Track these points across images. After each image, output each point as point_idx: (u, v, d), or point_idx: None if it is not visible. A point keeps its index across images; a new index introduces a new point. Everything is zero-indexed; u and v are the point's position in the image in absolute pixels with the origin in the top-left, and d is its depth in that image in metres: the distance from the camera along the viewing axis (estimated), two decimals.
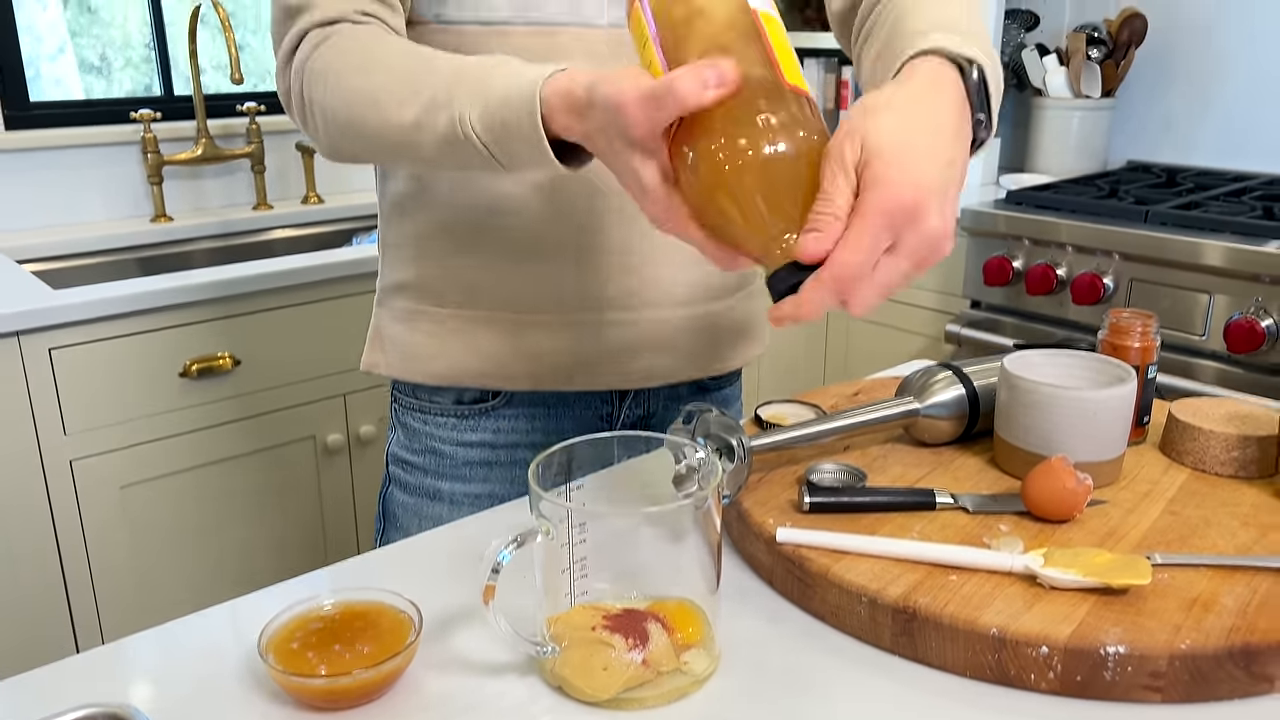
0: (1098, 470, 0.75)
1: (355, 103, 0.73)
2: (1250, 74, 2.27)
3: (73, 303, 1.47)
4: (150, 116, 1.97)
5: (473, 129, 0.68)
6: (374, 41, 0.75)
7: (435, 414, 0.94)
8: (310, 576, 0.73)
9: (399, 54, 0.74)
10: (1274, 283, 1.70)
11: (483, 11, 0.80)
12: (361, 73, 0.73)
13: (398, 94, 0.71)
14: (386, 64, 0.73)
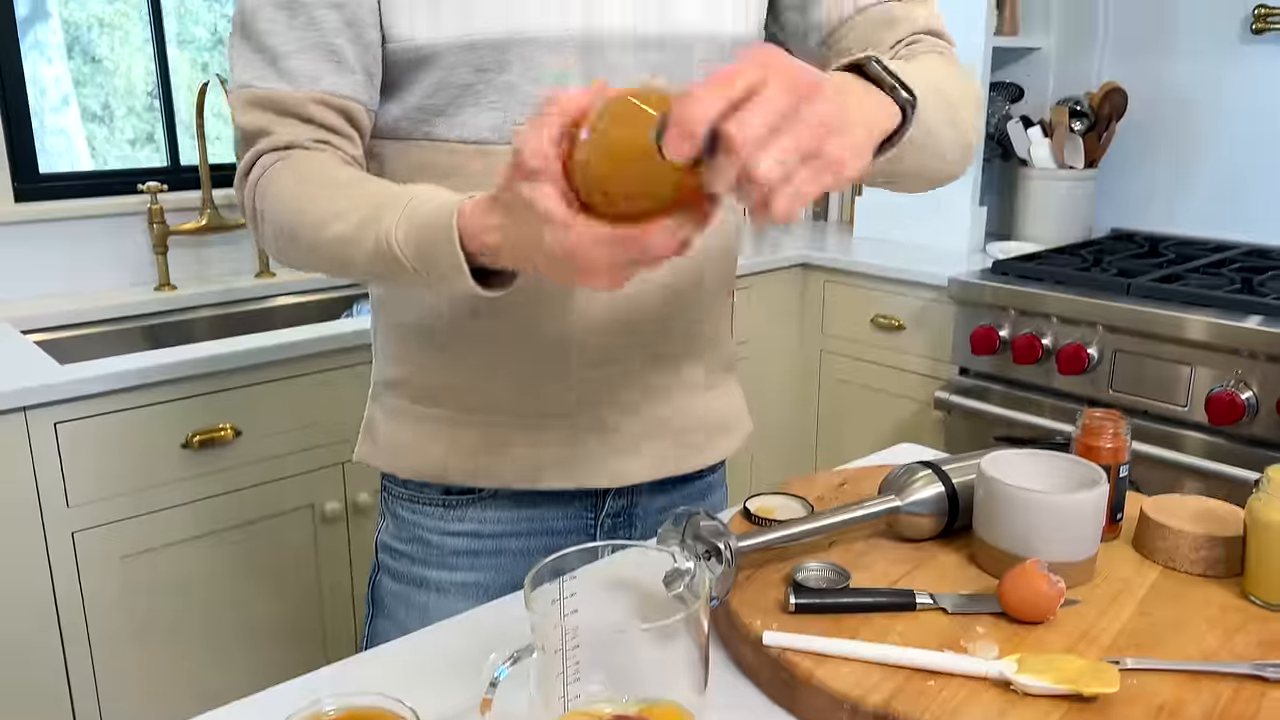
0: (1071, 571, 0.78)
1: (297, 218, 0.79)
2: (1228, 146, 2.33)
3: (79, 378, 1.50)
4: (157, 188, 2.02)
5: (398, 245, 0.72)
6: (319, 166, 0.81)
7: (423, 504, 0.97)
8: (310, 677, 0.76)
9: (337, 177, 0.80)
10: (1253, 357, 1.74)
11: (467, 132, 0.85)
12: (304, 192, 0.79)
13: (333, 211, 0.77)
14: (325, 185, 0.79)
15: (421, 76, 0.84)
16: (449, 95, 0.84)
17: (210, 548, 1.69)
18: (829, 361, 2.51)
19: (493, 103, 0.83)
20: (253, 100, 0.83)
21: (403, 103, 0.86)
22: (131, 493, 1.59)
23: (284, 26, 0.82)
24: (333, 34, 0.82)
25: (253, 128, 0.83)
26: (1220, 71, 2.31)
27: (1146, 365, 1.88)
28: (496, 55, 0.82)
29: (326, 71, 0.82)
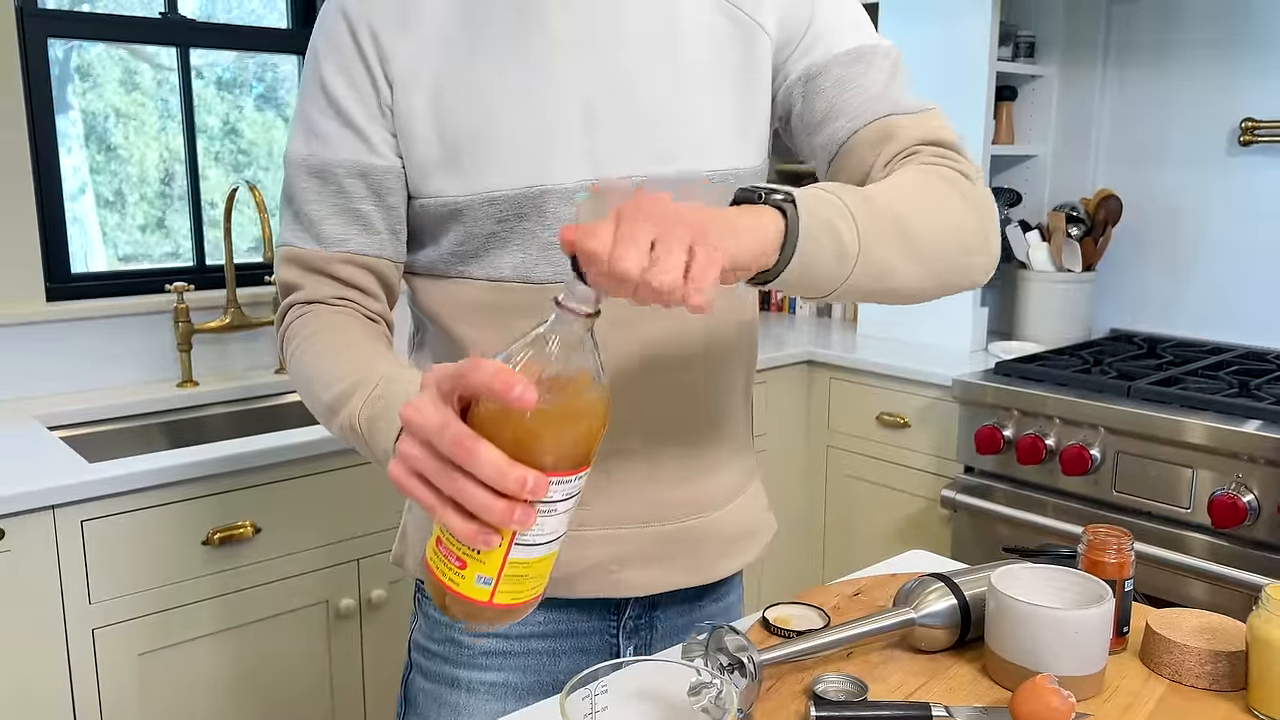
0: (1081, 684, 0.81)
1: (301, 372, 0.89)
2: (1219, 252, 2.41)
3: (106, 476, 1.54)
4: (184, 288, 2.08)
5: (365, 434, 0.80)
6: (331, 326, 0.90)
7: None
8: None
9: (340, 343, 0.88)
10: (1253, 460, 1.78)
11: (493, 271, 0.93)
12: (312, 350, 0.89)
13: (325, 378, 0.86)
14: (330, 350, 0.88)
15: (453, 227, 0.92)
16: (477, 242, 0.92)
17: (226, 644, 1.70)
18: (835, 457, 2.54)
19: (515, 245, 0.91)
20: (290, 257, 0.94)
21: (438, 248, 0.94)
22: (152, 590, 1.62)
23: (316, 194, 0.92)
24: (358, 200, 0.92)
25: (288, 282, 0.94)
26: (1210, 181, 2.40)
27: (1148, 467, 1.92)
28: (514, 207, 0.90)
29: (354, 234, 0.92)
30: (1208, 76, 2.39)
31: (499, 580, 0.65)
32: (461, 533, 0.63)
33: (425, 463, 0.64)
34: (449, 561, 0.66)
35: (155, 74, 2.25)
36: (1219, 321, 2.43)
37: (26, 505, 1.48)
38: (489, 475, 0.61)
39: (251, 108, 2.41)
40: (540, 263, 0.92)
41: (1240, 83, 2.33)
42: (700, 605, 1.07)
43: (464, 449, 0.61)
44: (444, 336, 0.96)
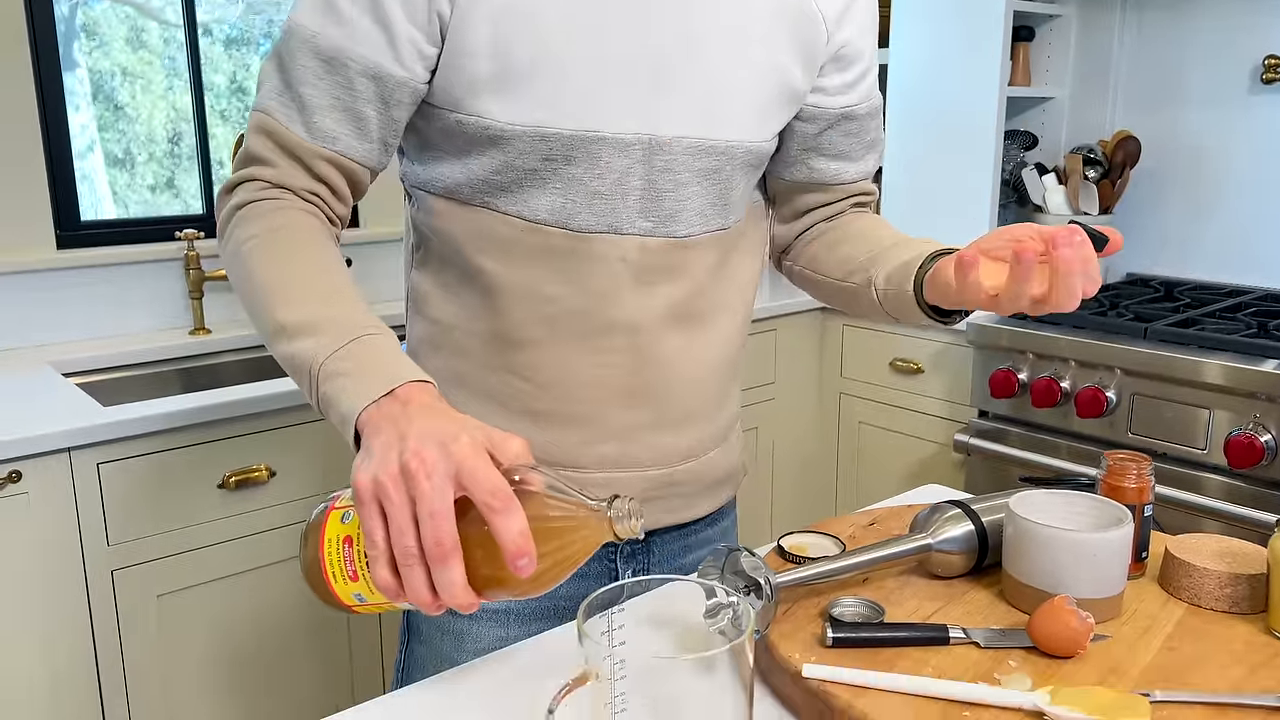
0: (1099, 607, 0.81)
1: (256, 270, 0.81)
2: (1241, 194, 2.37)
3: (121, 419, 1.55)
4: (194, 235, 2.08)
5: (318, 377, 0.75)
6: (304, 234, 0.84)
7: None
8: (368, 705, 0.78)
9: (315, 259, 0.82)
10: (1270, 400, 1.77)
11: (526, 210, 0.90)
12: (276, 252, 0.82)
13: (286, 295, 0.79)
14: (299, 261, 0.81)
15: (490, 153, 0.88)
16: (514, 175, 0.88)
17: (244, 585, 1.72)
18: (848, 404, 2.53)
19: (556, 188, 0.89)
20: (267, 129, 0.86)
21: (467, 171, 0.90)
22: (170, 532, 1.63)
23: (318, 79, 0.85)
24: (364, 102, 0.86)
25: (259, 153, 0.86)
26: (1231, 120, 2.36)
27: (1164, 409, 1.91)
28: (565, 149, 0.87)
29: (346, 134, 0.86)
30: (1229, 14, 2.34)
31: (370, 606, 0.72)
32: (383, 586, 0.67)
33: (399, 518, 0.65)
34: (344, 565, 0.70)
35: (162, 31, 2.22)
36: (1238, 264, 2.40)
37: (42, 448, 1.49)
38: (442, 586, 0.65)
39: (259, 65, 2.39)
40: (583, 210, 0.90)
41: (1262, 20, 2.28)
42: (696, 530, 1.09)
43: (441, 554, 0.64)
44: (460, 263, 0.94)
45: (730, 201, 0.97)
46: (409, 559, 0.65)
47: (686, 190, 0.93)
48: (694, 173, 0.93)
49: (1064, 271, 0.78)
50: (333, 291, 0.80)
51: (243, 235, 0.84)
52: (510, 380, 0.96)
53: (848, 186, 1.09)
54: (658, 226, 0.93)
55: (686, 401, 1.00)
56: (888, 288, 0.98)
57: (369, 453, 0.68)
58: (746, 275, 1.04)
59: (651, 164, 0.90)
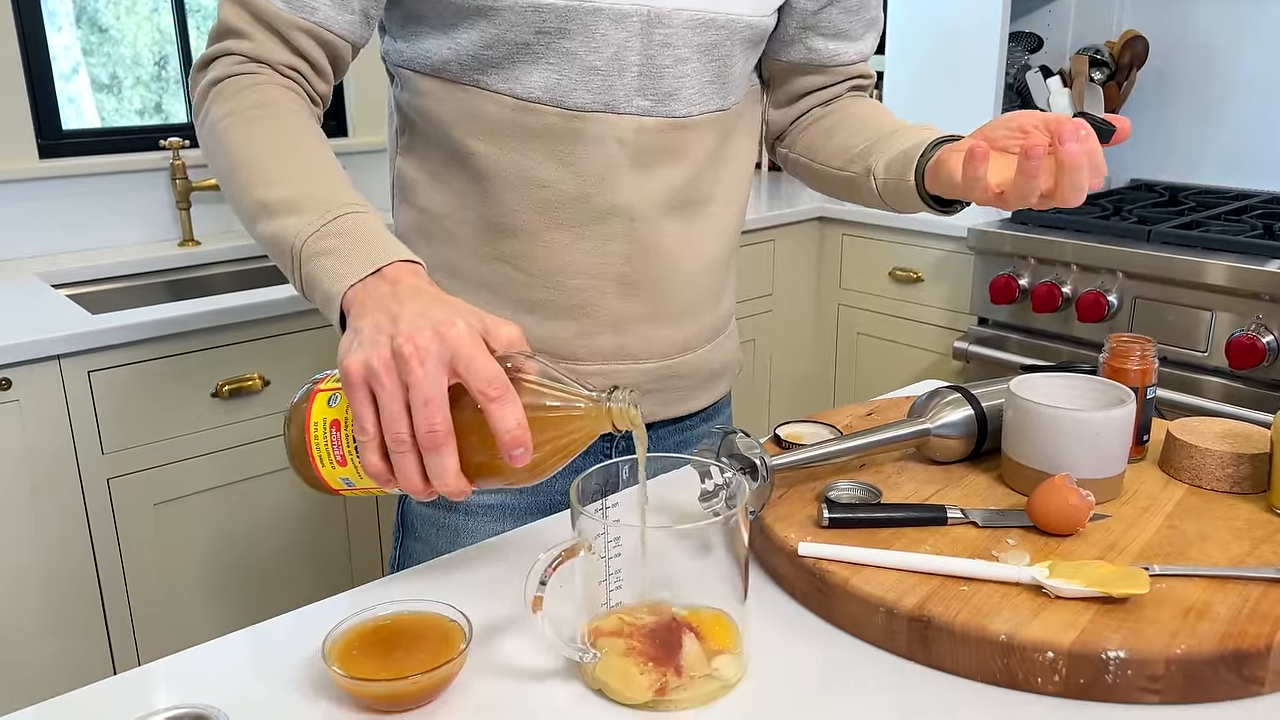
0: (1099, 487, 0.80)
1: (234, 146, 0.78)
2: (1251, 94, 2.32)
3: (110, 327, 1.53)
4: (179, 144, 2.03)
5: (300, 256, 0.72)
6: (283, 109, 0.80)
7: None
8: (363, 589, 0.78)
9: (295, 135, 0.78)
10: (1274, 300, 1.75)
11: (518, 88, 0.86)
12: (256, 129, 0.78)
13: (266, 172, 0.75)
14: (278, 137, 0.78)
15: (480, 25, 0.84)
16: (505, 50, 0.85)
17: (240, 494, 1.72)
18: (846, 314, 2.51)
19: (549, 64, 0.85)
20: (244, 3, 0.82)
21: (455, 46, 0.86)
22: (165, 440, 1.62)
23: None
24: None
25: (234, 25, 0.82)
26: (1242, 17, 2.29)
27: (1166, 311, 1.89)
28: (560, 21, 0.83)
29: (325, 4, 0.82)
30: None
31: (357, 490, 0.71)
32: (373, 472, 0.65)
33: (391, 405, 0.63)
34: (332, 450, 0.69)
35: None
36: (1246, 167, 2.35)
37: (31, 355, 1.47)
38: (434, 473, 0.63)
39: None
40: (578, 87, 0.86)
41: None
42: (691, 426, 1.08)
43: (434, 442, 0.63)
44: (448, 147, 0.91)
45: (729, 81, 0.94)
46: (401, 446, 0.64)
47: (686, 67, 0.89)
48: (693, 48, 0.89)
49: (1070, 167, 0.75)
50: (315, 168, 0.77)
51: (219, 113, 0.80)
52: (503, 269, 0.94)
53: (846, 69, 1.05)
54: (656, 105, 0.89)
55: (684, 293, 0.98)
56: (887, 177, 0.95)
57: (357, 334, 0.66)
58: (743, 163, 1.01)
59: (650, 38, 0.87)
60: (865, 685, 0.65)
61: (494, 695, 0.64)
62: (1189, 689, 0.63)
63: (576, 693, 0.65)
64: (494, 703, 0.64)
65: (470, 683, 0.65)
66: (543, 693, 0.65)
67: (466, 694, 0.64)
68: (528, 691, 0.65)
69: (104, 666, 1.63)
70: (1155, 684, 0.63)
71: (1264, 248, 1.82)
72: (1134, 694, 0.63)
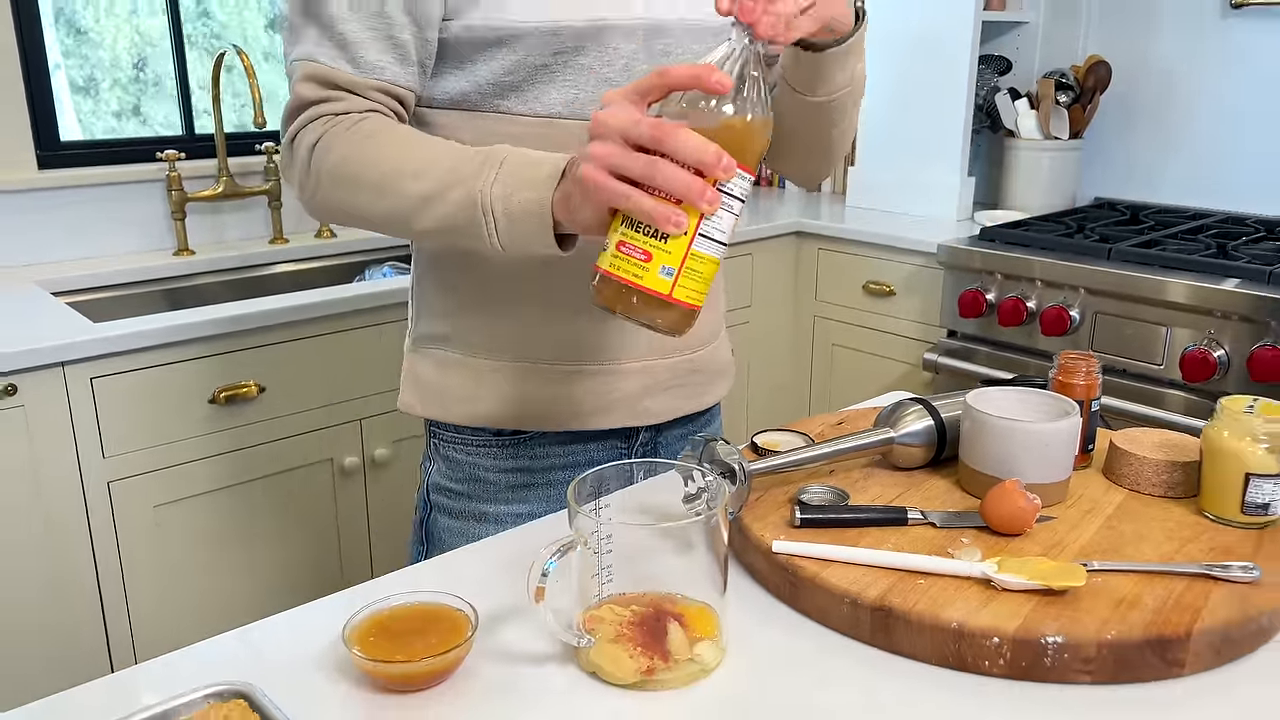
0: (1046, 491, 0.88)
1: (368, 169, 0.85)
2: (1209, 118, 2.42)
3: (113, 335, 1.58)
4: (175, 156, 2.09)
5: (492, 208, 0.80)
6: (392, 126, 0.88)
7: (477, 446, 1.05)
8: (379, 581, 0.85)
9: (409, 137, 0.86)
10: (1225, 317, 1.84)
11: (539, 107, 0.93)
12: (376, 149, 0.85)
13: (410, 168, 0.83)
14: (398, 143, 0.85)
15: (500, 55, 0.91)
16: (525, 74, 0.92)
17: (237, 498, 1.77)
18: (822, 326, 2.60)
19: (567, 81, 0.92)
20: (316, 76, 0.89)
21: (473, 78, 0.93)
22: (163, 445, 1.68)
23: (352, 13, 0.88)
24: (399, 29, 0.89)
25: (313, 98, 0.89)
26: (1201, 45, 2.40)
27: (1125, 326, 1.98)
28: (575, 40, 0.91)
29: (390, 63, 0.89)
30: None
31: (680, 273, 0.72)
32: (657, 213, 0.69)
33: (621, 155, 0.70)
34: (633, 258, 0.72)
35: None
36: (1204, 188, 2.46)
37: (36, 362, 1.53)
38: (688, 150, 0.68)
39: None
40: (595, 99, 0.94)
41: None
42: (692, 431, 1.14)
43: (663, 131, 0.68)
44: None
45: None
46: (651, 163, 0.69)
47: None
48: (692, 55, 0.97)
49: None
50: (451, 147, 0.84)
51: (336, 158, 0.86)
52: (543, 278, 0.99)
53: None
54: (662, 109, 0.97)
55: None
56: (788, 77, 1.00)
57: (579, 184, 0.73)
58: None
59: (652, 48, 0.95)
60: (832, 669, 0.73)
61: (497, 677, 0.71)
62: (1118, 670, 0.70)
63: (572, 675, 0.72)
64: (497, 684, 0.71)
65: (476, 666, 0.72)
66: (541, 675, 0.72)
67: (473, 676, 0.71)
68: (528, 674, 0.72)
69: (102, 664, 1.68)
70: (1088, 666, 0.70)
71: (1217, 266, 1.92)
72: (1069, 675, 0.71)
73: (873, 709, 0.68)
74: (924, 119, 2.53)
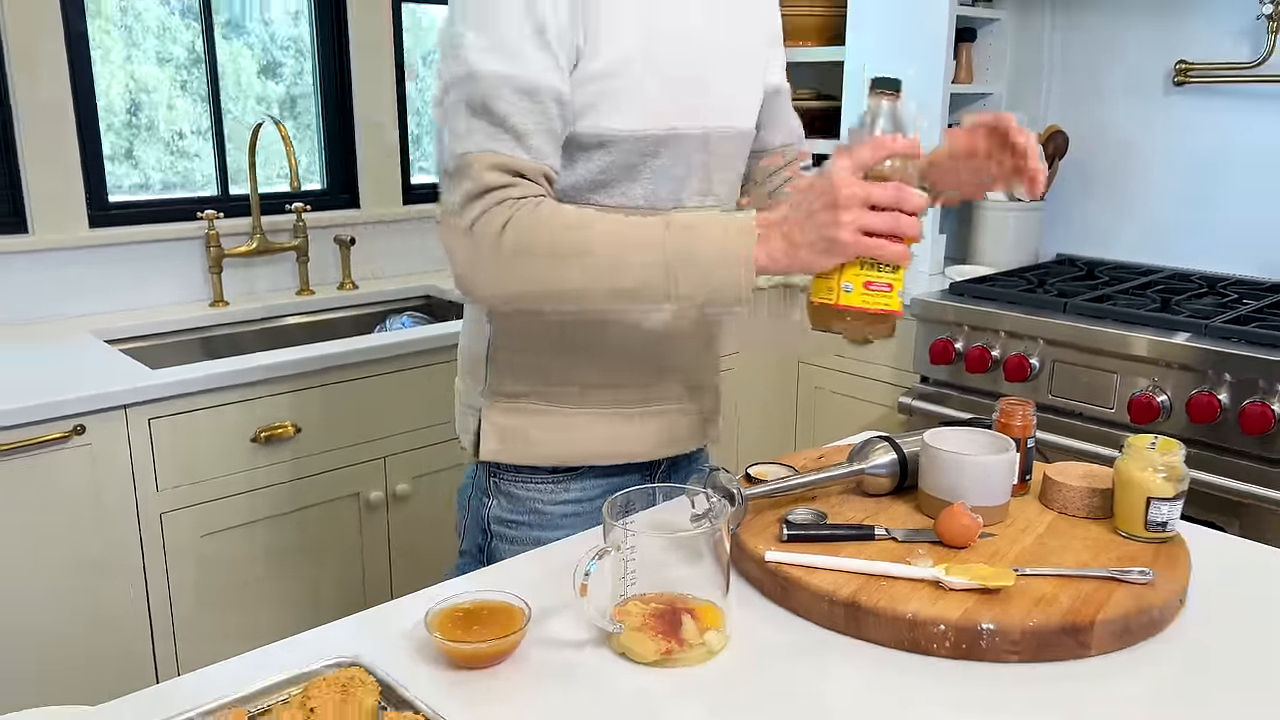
0: (989, 513, 1.07)
1: (580, 248, 1.00)
2: (1157, 183, 2.65)
3: (170, 380, 1.76)
4: (213, 215, 2.28)
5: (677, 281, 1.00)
6: (586, 209, 1.06)
7: (536, 483, 1.24)
8: (452, 582, 1.03)
9: (617, 216, 1.03)
10: (1167, 366, 2.05)
11: (625, 200, 1.14)
12: (591, 228, 1.01)
13: (633, 243, 1.00)
14: (613, 222, 1.02)
15: (598, 156, 1.11)
16: (615, 173, 1.13)
17: (273, 528, 1.95)
18: (806, 371, 2.79)
19: (646, 179, 1.14)
20: (498, 164, 1.02)
21: (574, 174, 1.12)
22: (209, 480, 1.85)
23: (523, 110, 1.03)
24: (555, 121, 1.06)
25: (497, 183, 1.02)
26: (1148, 118, 2.64)
27: (1080, 374, 2.18)
28: (655, 145, 1.13)
29: (550, 151, 1.06)
30: (1144, 23, 2.61)
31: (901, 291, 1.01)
32: (898, 255, 0.97)
33: (872, 218, 0.95)
34: (881, 292, 0.99)
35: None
36: (1153, 247, 2.68)
37: (104, 404, 1.70)
38: (916, 204, 0.95)
39: (219, 36, 2.44)
40: (665, 194, 1.16)
41: (1174, 28, 2.55)
42: (694, 464, 1.36)
43: (903, 194, 0.95)
44: None
45: (735, 181, 1.26)
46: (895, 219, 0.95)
47: (721, 172, 1.22)
48: (725, 156, 1.21)
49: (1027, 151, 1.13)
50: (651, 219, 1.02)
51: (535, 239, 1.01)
52: (603, 343, 1.21)
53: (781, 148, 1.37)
54: (705, 199, 1.20)
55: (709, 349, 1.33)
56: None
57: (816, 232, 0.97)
58: None
59: (707, 150, 1.18)
60: (813, 653, 0.91)
61: (546, 658, 0.89)
62: (1038, 651, 0.89)
63: (605, 656, 0.90)
64: (547, 662, 0.89)
65: (529, 648, 0.90)
66: (581, 656, 0.90)
67: (527, 657, 0.89)
68: (570, 655, 0.90)
69: (148, 675, 1.84)
70: (1015, 648, 0.89)
71: (1161, 320, 2.13)
72: (1000, 655, 0.89)
73: (844, 681, 0.87)
74: None
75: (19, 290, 2.12)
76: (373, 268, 2.62)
